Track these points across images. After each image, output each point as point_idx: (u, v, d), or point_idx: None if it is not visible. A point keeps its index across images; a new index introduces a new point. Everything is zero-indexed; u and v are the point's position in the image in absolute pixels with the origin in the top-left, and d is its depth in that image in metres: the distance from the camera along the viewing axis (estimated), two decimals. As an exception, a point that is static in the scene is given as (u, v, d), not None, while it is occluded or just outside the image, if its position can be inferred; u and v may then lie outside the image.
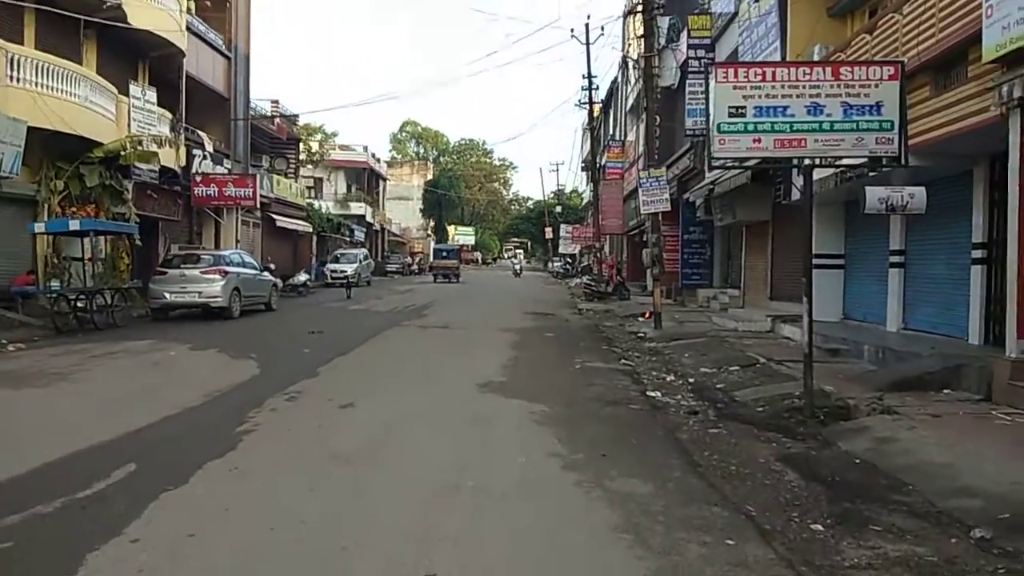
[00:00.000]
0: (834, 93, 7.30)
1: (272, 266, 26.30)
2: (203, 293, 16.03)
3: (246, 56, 28.11)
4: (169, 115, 21.13)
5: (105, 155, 17.11)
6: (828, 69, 7.54)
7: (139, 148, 17.34)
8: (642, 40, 16.85)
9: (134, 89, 19.09)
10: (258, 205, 23.77)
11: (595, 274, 30.59)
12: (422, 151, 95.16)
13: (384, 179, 61.12)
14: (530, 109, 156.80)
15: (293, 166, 35.98)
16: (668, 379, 10.09)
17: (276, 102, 33.46)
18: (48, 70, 15.61)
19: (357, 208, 48.29)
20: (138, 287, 16.22)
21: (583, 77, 30.40)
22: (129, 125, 18.65)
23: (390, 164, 73.05)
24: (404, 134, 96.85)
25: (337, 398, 7.91)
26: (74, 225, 13.82)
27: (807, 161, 7.56)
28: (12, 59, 14.76)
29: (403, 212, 70.75)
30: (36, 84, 15.21)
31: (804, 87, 7.37)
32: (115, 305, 14.79)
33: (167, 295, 16.00)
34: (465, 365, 10.73)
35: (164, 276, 16.21)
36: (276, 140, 34.32)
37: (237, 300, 16.78)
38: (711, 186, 18.42)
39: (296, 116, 36.45)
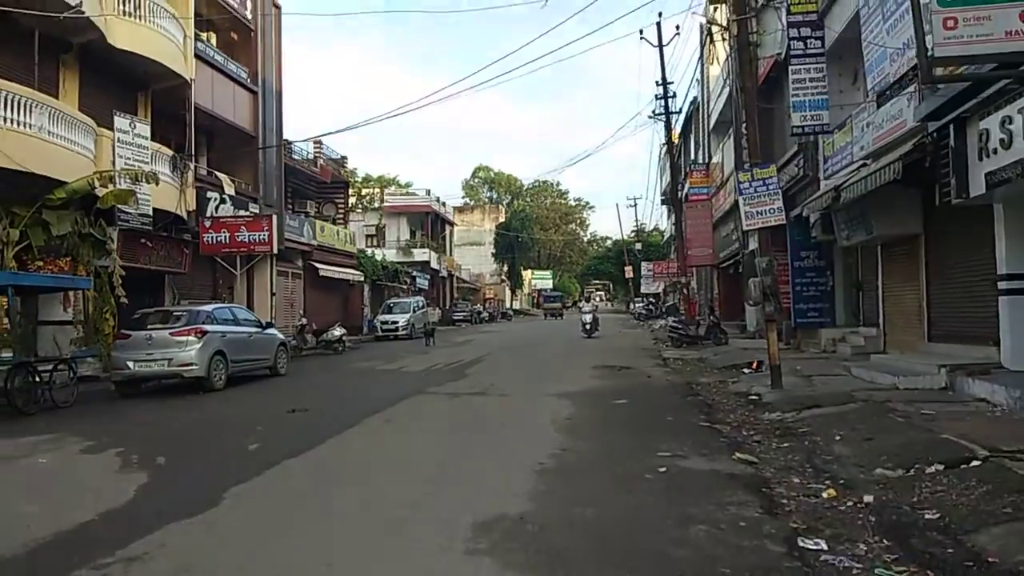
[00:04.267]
0: None
1: (304, 321, 23.10)
2: (174, 360, 12.54)
3: (278, 92, 25.40)
4: (169, 152, 18.22)
5: (69, 196, 14.09)
6: None
7: (110, 186, 14.23)
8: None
9: (120, 121, 16.19)
10: (275, 250, 20.57)
11: (682, 314, 25.97)
12: (495, 195, 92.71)
13: (451, 224, 58.20)
14: (600, 133, 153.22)
15: (342, 211, 33.07)
16: (824, 497, 5.69)
17: (319, 143, 30.76)
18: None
19: (420, 255, 45.28)
20: (90, 356, 12.88)
21: (656, 84, 26.22)
22: (114, 163, 15.73)
23: (460, 210, 70.53)
24: (476, 179, 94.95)
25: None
26: (-14, 281, 10.64)
27: None
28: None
29: (475, 258, 67.75)
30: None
31: None
32: (49, 383, 11.41)
33: (130, 364, 12.58)
34: (475, 473, 6.63)
35: (127, 341, 12.82)
36: (323, 184, 31.57)
37: (222, 367, 13.21)
38: (834, 193, 13.85)
39: (344, 158, 33.72)
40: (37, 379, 11.40)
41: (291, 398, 12.02)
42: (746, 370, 14.39)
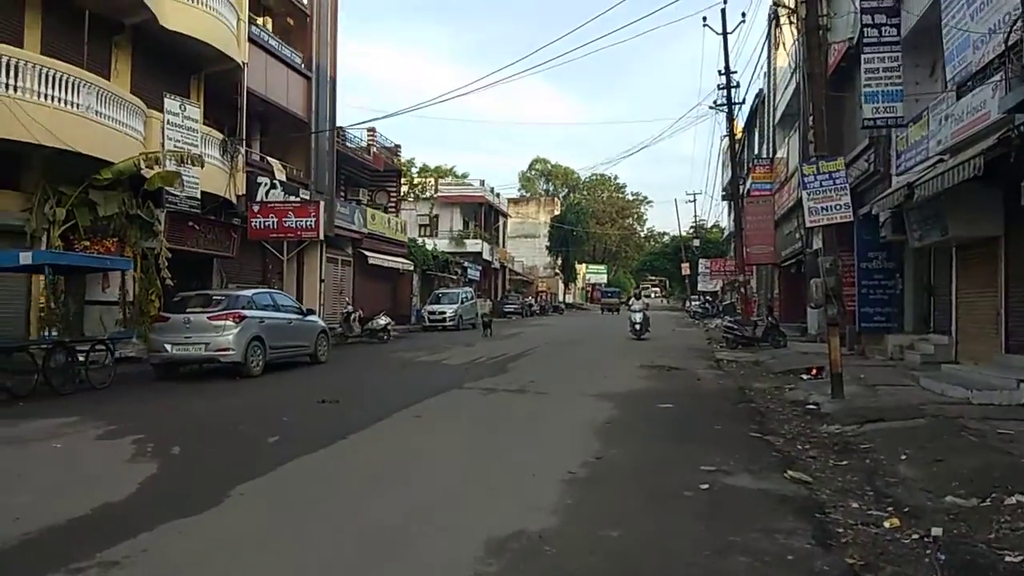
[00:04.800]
0: None
1: (351, 309, 22.97)
2: (211, 344, 12.39)
3: (332, 79, 25.27)
4: (219, 135, 18.19)
5: (116, 177, 14.08)
6: None
7: (155, 168, 14.19)
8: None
9: (170, 103, 16.19)
10: (322, 236, 20.40)
11: (738, 314, 24.93)
12: (551, 188, 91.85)
13: (505, 215, 57.72)
14: (661, 127, 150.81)
15: (394, 200, 32.91)
16: (886, 526, 5.02)
17: (373, 130, 30.65)
18: (41, 74, 12.72)
19: (473, 245, 44.95)
20: (128, 338, 12.81)
21: (719, 73, 25.10)
22: (163, 145, 15.73)
23: (515, 201, 69.97)
24: (533, 172, 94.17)
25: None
26: (25, 259, 10.56)
27: None
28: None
29: (529, 250, 67.17)
30: (16, 88, 12.31)
31: None
32: (88, 362, 11.35)
33: (168, 347, 12.48)
34: (499, 480, 6.13)
35: (166, 324, 12.72)
36: (376, 172, 31.45)
37: (260, 353, 13.01)
38: (907, 191, 12.86)
39: (398, 146, 33.55)
40: (75, 359, 11.35)
41: (325, 387, 11.73)
42: (805, 376, 13.54)
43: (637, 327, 23.78)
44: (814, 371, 13.73)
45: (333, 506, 5.35)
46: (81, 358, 11.44)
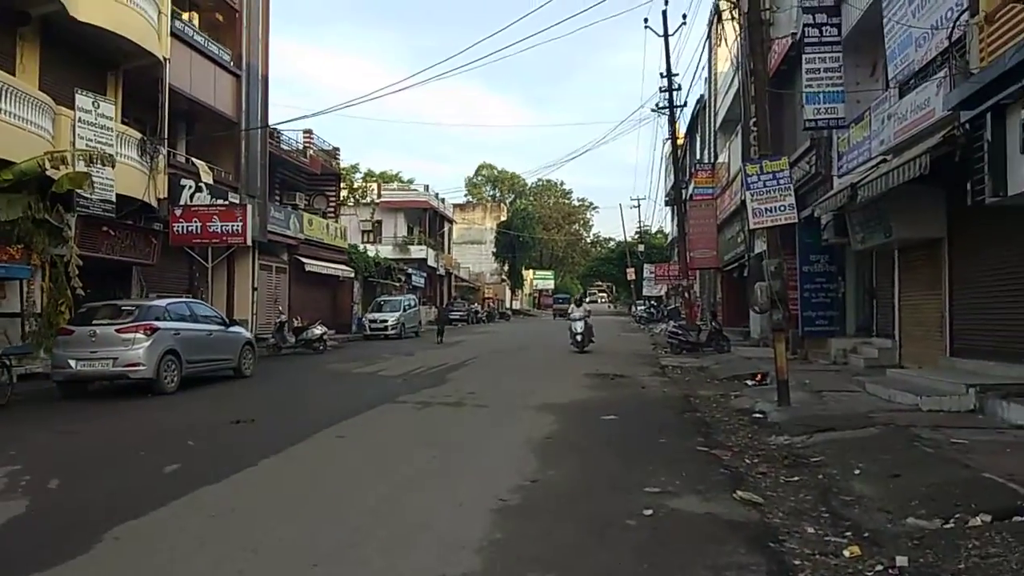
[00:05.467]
0: None
1: (284, 318, 21.95)
2: (120, 359, 11.37)
3: (264, 77, 24.23)
4: (137, 134, 17.07)
5: (18, 178, 12.92)
6: None
7: (62, 168, 13.09)
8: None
9: (82, 100, 15.04)
10: (249, 242, 19.33)
11: (683, 319, 24.73)
12: (498, 194, 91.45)
13: (450, 221, 56.97)
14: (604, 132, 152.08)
15: (333, 204, 31.88)
16: (846, 555, 4.54)
17: (309, 132, 29.60)
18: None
19: (418, 252, 44.10)
20: (23, 352, 11.70)
21: (661, 76, 24.94)
22: (74, 144, 14.59)
23: (461, 207, 69.31)
24: (480, 177, 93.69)
25: None
26: (-99, 268, 9.51)
27: None
28: None
29: (475, 256, 66.59)
30: None
31: None
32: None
33: (72, 363, 11.42)
34: (419, 512, 5.45)
35: (70, 337, 11.65)
36: (313, 176, 30.40)
37: (174, 368, 12.04)
38: (850, 192, 12.66)
39: (337, 149, 32.53)
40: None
41: (245, 405, 10.87)
42: (749, 382, 13.24)
43: (579, 337, 20.35)
44: (759, 377, 13.45)
45: (215, 552, 4.60)
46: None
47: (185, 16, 21.14)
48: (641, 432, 8.72)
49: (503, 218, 67.59)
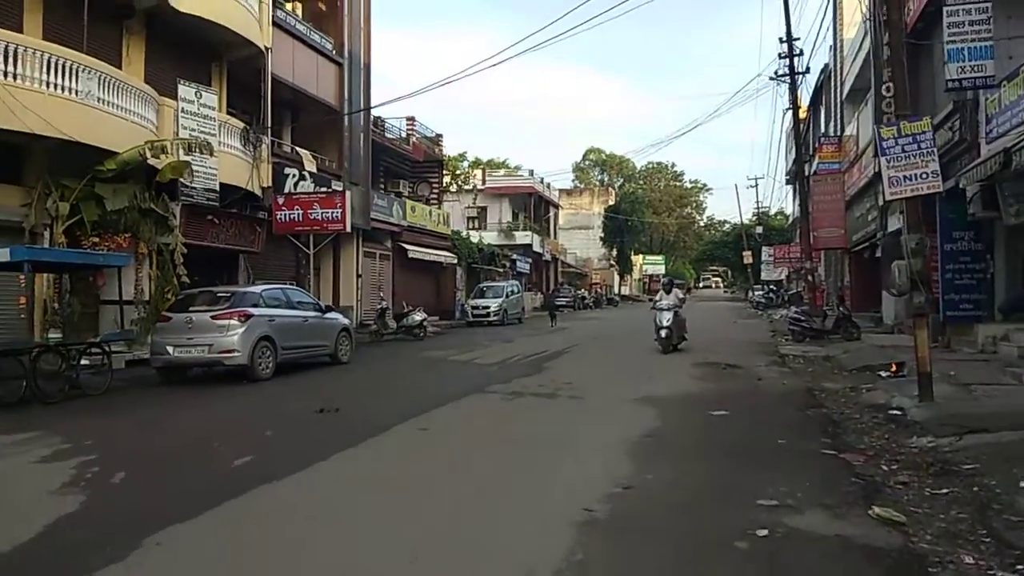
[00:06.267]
0: None
1: (385, 304, 21.88)
2: (215, 346, 11.33)
3: (366, 65, 24.21)
4: (239, 124, 17.26)
5: (121, 168, 13.18)
6: None
7: (162, 157, 13.25)
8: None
9: (184, 90, 15.29)
10: (348, 228, 19.20)
11: (805, 304, 22.88)
12: (606, 178, 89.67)
13: (556, 206, 56.13)
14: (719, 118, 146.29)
15: (436, 191, 31.76)
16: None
17: (412, 119, 29.50)
18: (37, 59, 11.84)
19: (523, 237, 43.56)
20: (123, 339, 11.83)
21: (780, 41, 23.05)
22: (176, 134, 14.83)
23: (568, 192, 68.28)
24: (587, 162, 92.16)
25: None
26: (2, 256, 9.65)
27: None
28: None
29: (582, 242, 65.44)
30: (8, 75, 11.44)
31: None
32: (80, 366, 10.42)
33: (170, 349, 11.48)
34: (492, 525, 4.76)
35: (167, 324, 11.73)
36: (416, 163, 30.37)
37: (269, 354, 11.92)
38: (1002, 158, 10.97)
39: (439, 136, 32.36)
40: (68, 364, 10.44)
41: (335, 392, 10.55)
42: (883, 373, 11.76)
43: (664, 332, 15.70)
44: (894, 367, 11.95)
45: (249, 566, 4.07)
46: (85, 361, 10.58)
47: (288, 6, 21.34)
48: (756, 431, 7.68)
49: (611, 202, 66.07)
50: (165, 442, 7.59)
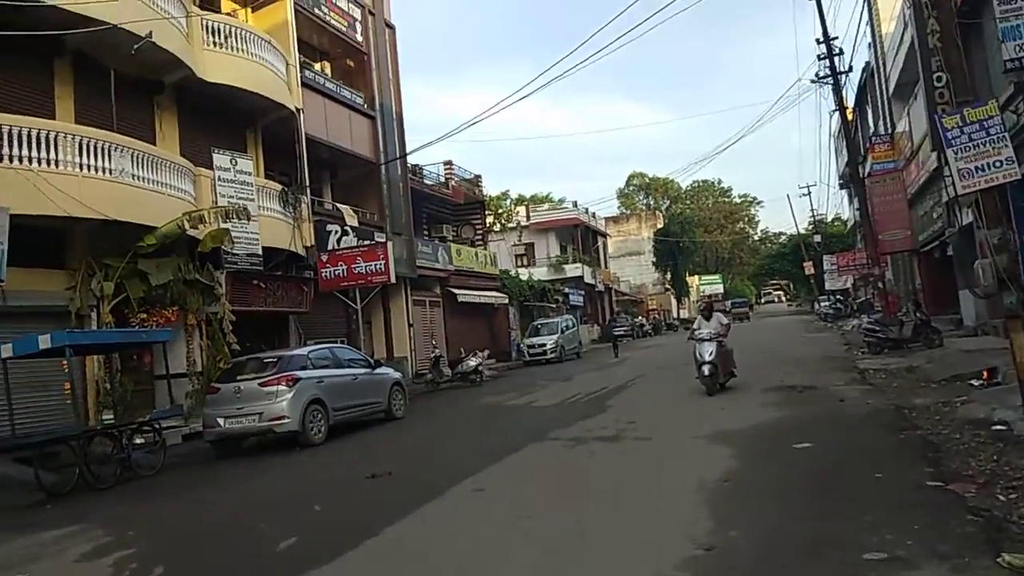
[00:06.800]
0: None
1: (438, 352, 21.51)
2: (265, 414, 11.01)
3: (398, 115, 24.26)
4: (277, 186, 17.28)
5: (160, 242, 13.19)
6: None
7: (200, 227, 13.22)
8: None
9: (219, 159, 15.36)
10: (392, 279, 18.95)
11: (878, 312, 21.59)
12: (652, 202, 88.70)
13: (604, 235, 55.44)
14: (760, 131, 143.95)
15: (480, 232, 31.56)
16: None
17: (449, 163, 29.47)
18: (67, 142, 11.95)
19: (573, 270, 42.96)
20: (173, 415, 11.59)
21: (817, 43, 22.19)
22: (215, 203, 14.86)
23: (615, 220, 67.61)
24: (631, 187, 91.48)
25: None
26: (44, 343, 9.53)
27: None
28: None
29: (635, 268, 64.45)
30: (38, 160, 11.53)
31: None
32: (126, 448, 10.19)
33: (220, 421, 11.22)
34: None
35: (217, 395, 11.50)
36: (458, 206, 30.25)
37: (320, 417, 11.55)
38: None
39: (478, 176, 32.23)
40: (120, 446, 10.25)
41: (387, 453, 10.11)
42: (975, 383, 10.73)
43: (707, 370, 12.64)
44: (986, 375, 10.89)
45: None
46: (139, 440, 10.41)
47: (317, 67, 21.56)
48: (847, 464, 6.89)
49: (659, 225, 65.02)
50: (209, 525, 7.21)
